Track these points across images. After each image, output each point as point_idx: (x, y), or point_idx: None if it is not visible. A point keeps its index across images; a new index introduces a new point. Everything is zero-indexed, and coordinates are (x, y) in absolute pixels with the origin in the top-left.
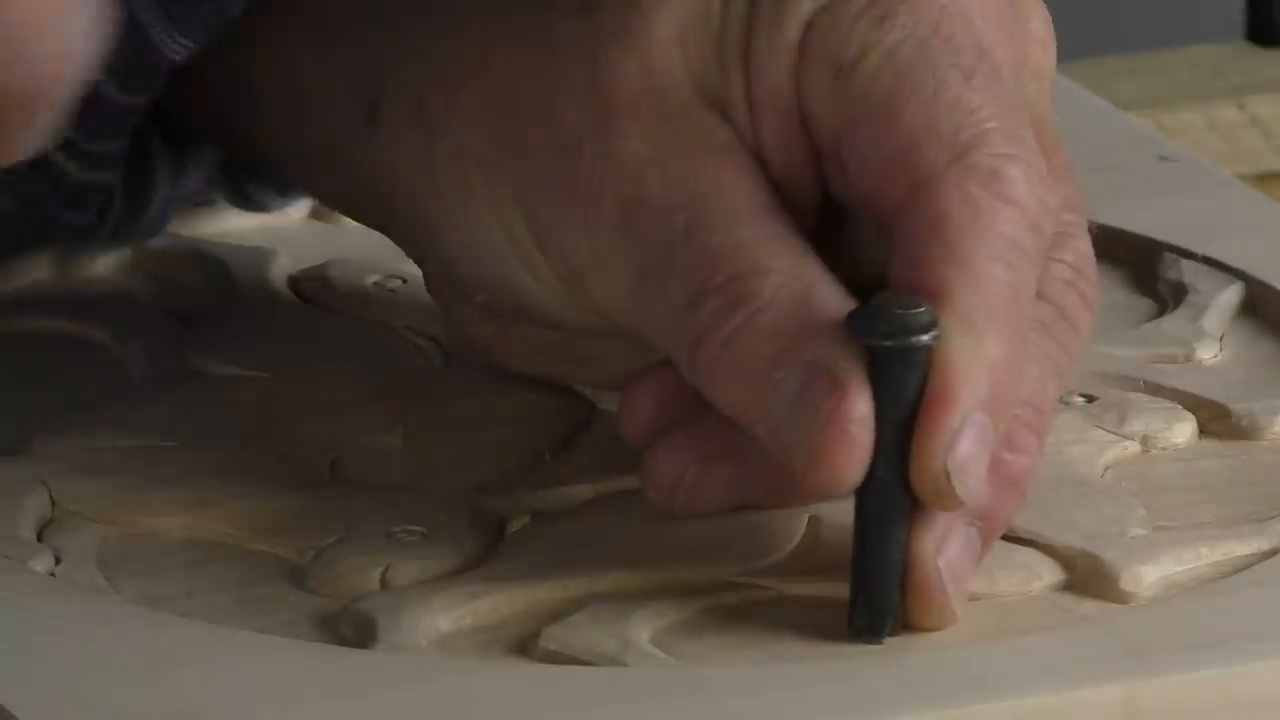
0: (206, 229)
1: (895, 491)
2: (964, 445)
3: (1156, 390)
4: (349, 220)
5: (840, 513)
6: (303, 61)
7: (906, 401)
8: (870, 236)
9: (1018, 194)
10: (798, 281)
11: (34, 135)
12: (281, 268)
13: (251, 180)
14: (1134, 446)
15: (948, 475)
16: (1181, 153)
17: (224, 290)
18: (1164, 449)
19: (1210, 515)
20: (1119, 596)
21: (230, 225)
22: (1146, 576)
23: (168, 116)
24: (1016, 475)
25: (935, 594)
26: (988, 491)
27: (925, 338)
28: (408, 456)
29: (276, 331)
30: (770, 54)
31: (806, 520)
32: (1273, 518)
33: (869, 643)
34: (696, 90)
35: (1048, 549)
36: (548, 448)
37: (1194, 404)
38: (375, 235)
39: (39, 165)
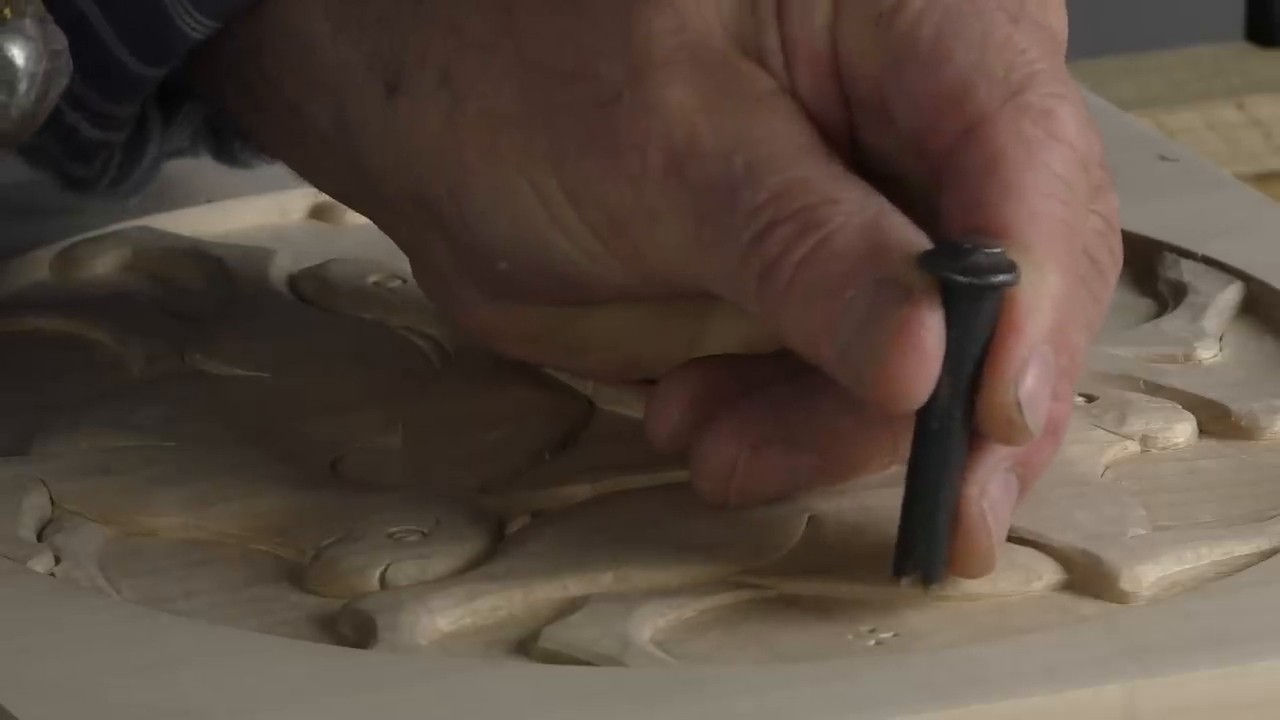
0: (207, 229)
1: (957, 433)
2: (1031, 377)
3: (1156, 390)
4: (349, 220)
5: (841, 512)
6: (317, 40)
7: (975, 340)
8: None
9: (1069, 133)
10: (867, 210)
11: None
12: (281, 268)
13: (236, 139)
14: (1134, 446)
15: (1019, 407)
16: (1181, 153)
17: (224, 290)
18: (1164, 449)
19: (1210, 515)
20: (1119, 596)
21: (230, 225)
22: (1146, 576)
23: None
24: (1057, 422)
25: (980, 537)
26: None
27: (1006, 277)
28: (408, 456)
29: (276, 331)
30: (804, 5)
31: (806, 520)
32: (1273, 518)
33: (922, 588)
34: (732, 41)
35: (1048, 549)
36: (548, 448)
37: (1194, 404)
38: (375, 235)
39: (49, 119)
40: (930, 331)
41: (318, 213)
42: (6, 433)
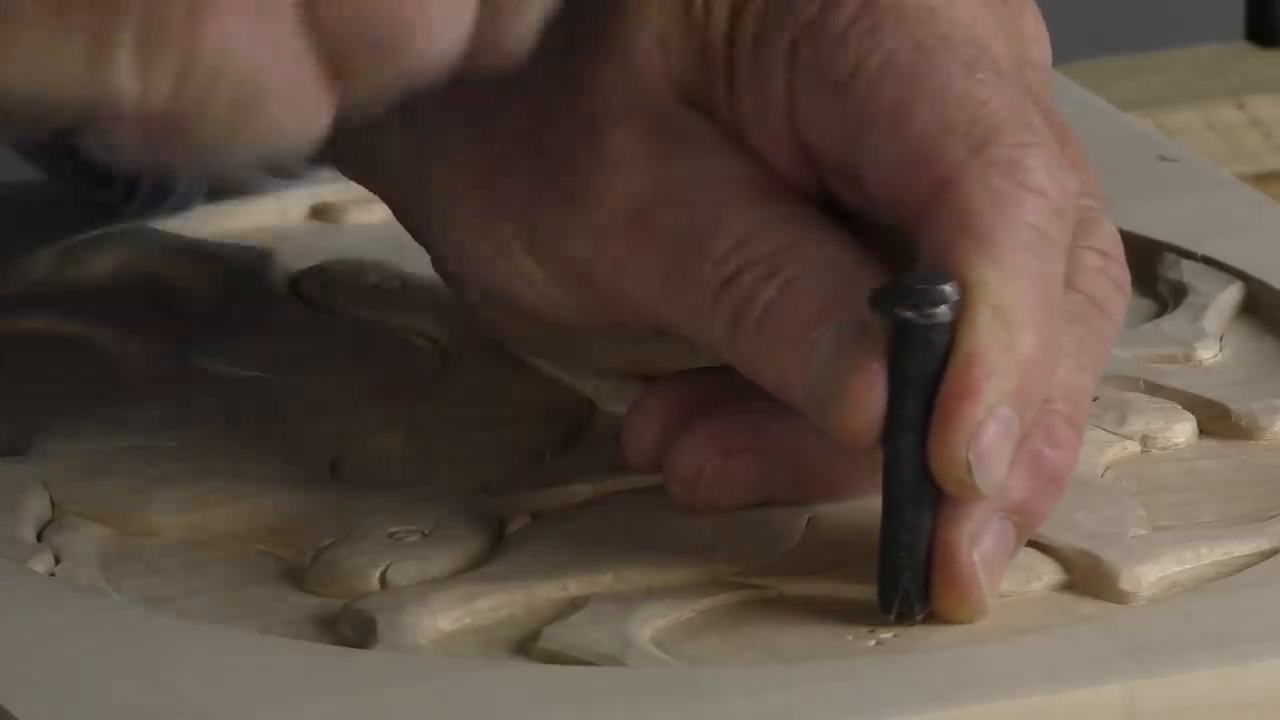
0: (207, 229)
1: (920, 472)
2: (987, 437)
3: (1156, 390)
4: (349, 220)
5: (840, 512)
6: None
7: (928, 375)
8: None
9: (1039, 181)
10: (829, 248)
11: (371, 94)
12: (281, 268)
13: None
14: (1134, 446)
15: (969, 467)
16: (1181, 153)
17: (224, 290)
18: (1164, 449)
19: (1210, 515)
20: (1119, 596)
21: (230, 225)
22: (1146, 576)
23: None
24: (1057, 470)
25: (970, 587)
26: (1026, 486)
27: (943, 310)
28: (408, 456)
29: (276, 331)
30: (755, 76)
31: (806, 520)
32: (1273, 518)
33: (910, 619)
34: (682, 95)
35: (1048, 549)
36: (548, 448)
37: (1194, 404)
38: (375, 235)
39: (63, 146)
40: (876, 372)
41: (318, 213)
42: (6, 433)
